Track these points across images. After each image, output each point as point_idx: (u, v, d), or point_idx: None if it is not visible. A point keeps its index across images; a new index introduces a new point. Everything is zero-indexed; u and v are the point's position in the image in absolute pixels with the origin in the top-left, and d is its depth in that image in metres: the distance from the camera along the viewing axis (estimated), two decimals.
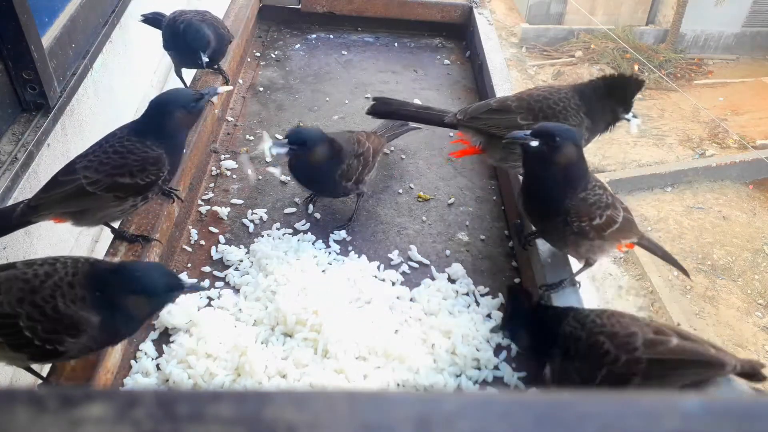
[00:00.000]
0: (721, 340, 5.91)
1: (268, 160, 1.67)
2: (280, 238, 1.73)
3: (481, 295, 1.63)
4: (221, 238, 1.74)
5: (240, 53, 2.49)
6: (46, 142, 1.71)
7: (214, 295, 1.56)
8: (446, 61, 2.74)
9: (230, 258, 1.66)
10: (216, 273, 1.63)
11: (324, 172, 1.69)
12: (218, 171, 1.99)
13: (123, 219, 1.57)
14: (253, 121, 2.26)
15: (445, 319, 1.51)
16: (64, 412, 0.30)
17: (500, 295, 1.63)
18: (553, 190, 1.43)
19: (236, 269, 1.64)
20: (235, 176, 1.98)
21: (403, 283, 1.64)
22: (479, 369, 1.44)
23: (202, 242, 1.73)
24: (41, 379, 1.26)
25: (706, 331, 5.97)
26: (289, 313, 1.45)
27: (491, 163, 1.93)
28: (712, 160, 8.31)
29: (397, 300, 1.57)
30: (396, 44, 2.85)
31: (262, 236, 1.73)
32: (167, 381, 1.36)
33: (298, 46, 2.77)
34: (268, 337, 1.46)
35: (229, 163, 2.02)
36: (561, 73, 10.08)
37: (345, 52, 2.75)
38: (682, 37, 10.53)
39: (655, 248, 1.59)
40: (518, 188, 1.60)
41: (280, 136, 2.17)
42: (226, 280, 1.62)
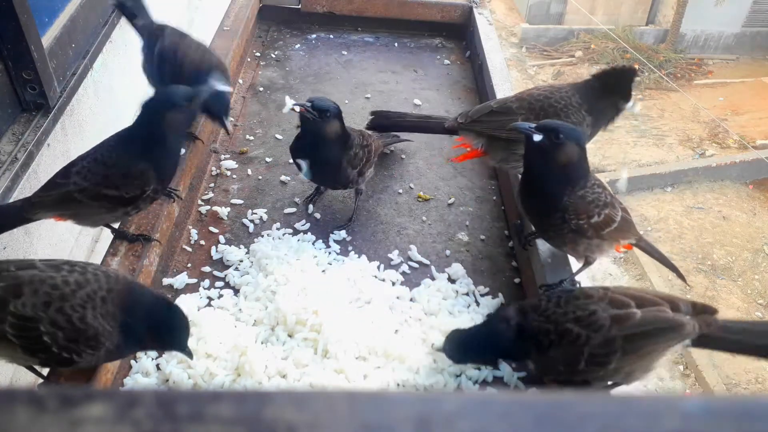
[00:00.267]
0: None
1: (285, 111, 1.60)
2: (280, 238, 1.73)
3: (481, 295, 1.63)
4: (221, 238, 1.74)
5: (240, 53, 2.49)
6: (46, 142, 1.71)
7: (214, 295, 1.56)
8: (446, 61, 2.75)
9: (230, 258, 1.66)
10: (216, 273, 1.63)
11: (331, 155, 1.68)
12: (218, 171, 1.99)
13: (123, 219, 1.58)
14: (253, 121, 2.26)
15: (445, 319, 1.51)
16: (64, 412, 0.30)
17: (500, 295, 1.63)
18: (552, 187, 1.43)
19: (236, 269, 1.64)
20: (235, 176, 1.98)
21: (403, 283, 1.65)
22: (479, 369, 1.44)
23: (202, 242, 1.73)
24: (41, 378, 1.26)
25: None
26: (289, 313, 1.45)
27: (493, 165, 1.93)
28: (712, 160, 8.31)
29: (397, 300, 1.57)
30: (396, 44, 2.85)
31: (262, 236, 1.73)
32: (167, 381, 1.36)
33: (298, 46, 2.77)
34: (268, 337, 1.46)
35: (229, 163, 2.02)
36: (561, 73, 10.08)
37: (345, 52, 2.75)
38: (682, 37, 10.53)
39: (653, 251, 1.59)
40: (518, 188, 1.59)
41: (281, 136, 2.17)
42: (226, 280, 1.62)
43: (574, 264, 1.58)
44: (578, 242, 1.46)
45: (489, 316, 1.51)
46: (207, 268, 1.65)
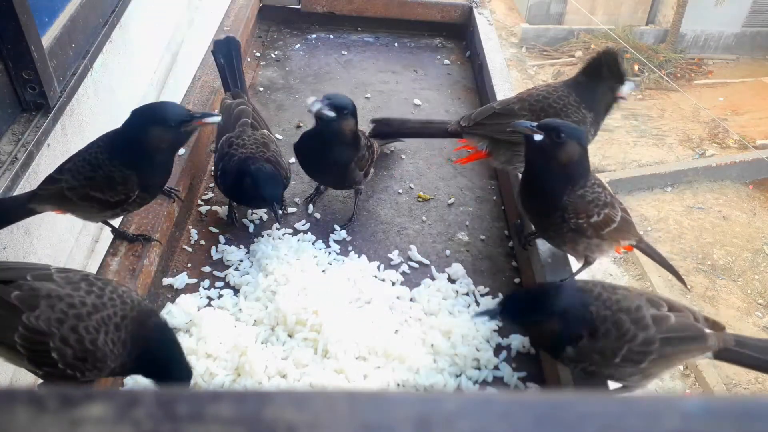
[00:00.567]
0: None
1: (313, 110, 1.57)
2: (280, 238, 1.73)
3: (481, 295, 1.63)
4: (221, 238, 1.74)
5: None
6: (46, 142, 1.71)
7: (214, 295, 1.56)
8: (446, 61, 2.75)
9: (230, 258, 1.67)
10: (216, 273, 1.64)
11: (342, 156, 1.67)
12: None
13: (123, 218, 1.58)
14: None
15: (445, 319, 1.51)
16: (64, 412, 0.30)
17: (500, 295, 1.63)
18: (552, 186, 1.42)
19: (236, 269, 1.64)
20: None
21: (403, 283, 1.65)
22: (479, 369, 1.44)
23: (202, 242, 1.73)
24: (41, 379, 1.26)
25: None
26: (289, 313, 1.45)
27: (496, 166, 1.93)
28: (712, 160, 8.31)
29: (397, 300, 1.57)
30: (396, 44, 2.85)
31: (262, 236, 1.73)
32: None
33: (298, 46, 2.77)
34: (268, 337, 1.46)
35: None
36: (561, 74, 10.08)
37: (345, 52, 2.75)
38: (682, 37, 10.53)
39: (653, 253, 1.58)
40: (518, 188, 1.59)
41: (281, 137, 2.17)
42: (226, 280, 1.62)
43: (574, 264, 1.58)
44: (578, 242, 1.46)
45: (561, 283, 1.43)
46: (207, 268, 1.65)
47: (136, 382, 1.35)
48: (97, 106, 2.08)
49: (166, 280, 1.60)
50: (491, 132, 1.74)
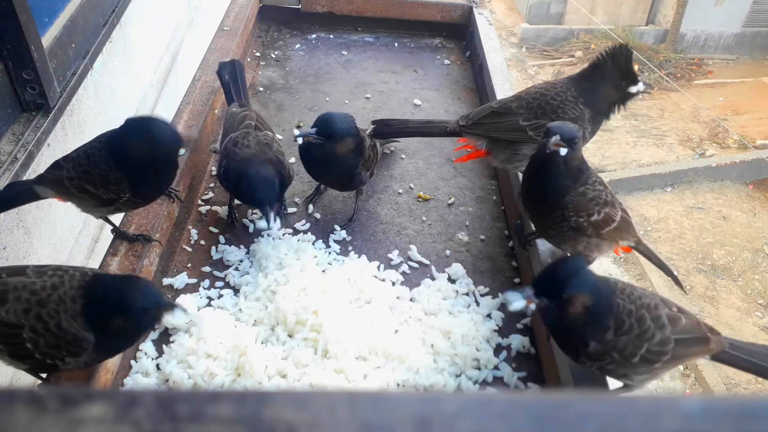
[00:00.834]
0: None
1: (299, 141, 1.60)
2: (280, 238, 1.73)
3: (481, 295, 1.63)
4: (221, 238, 1.74)
5: (240, 53, 2.48)
6: (46, 142, 1.71)
7: (214, 295, 1.56)
8: (446, 61, 2.74)
9: (230, 258, 1.67)
10: (216, 273, 1.63)
11: (346, 164, 1.67)
12: None
13: (123, 218, 1.58)
14: None
15: (445, 319, 1.51)
16: (64, 412, 0.30)
17: (500, 295, 1.63)
18: (556, 186, 1.42)
19: (236, 269, 1.64)
20: None
21: (403, 283, 1.64)
22: (479, 369, 1.44)
23: (202, 242, 1.73)
24: (41, 379, 1.26)
25: None
26: (289, 313, 1.45)
27: (496, 165, 1.93)
28: (712, 160, 8.31)
29: (397, 300, 1.57)
30: (396, 44, 2.85)
31: (262, 236, 1.73)
32: (167, 381, 1.36)
33: (298, 46, 2.77)
34: (268, 337, 1.46)
35: None
36: (561, 74, 10.07)
37: (345, 52, 2.75)
38: (682, 37, 10.53)
39: (651, 255, 1.58)
40: (518, 188, 1.59)
41: (281, 136, 2.17)
42: (226, 280, 1.62)
43: None
44: (578, 241, 1.46)
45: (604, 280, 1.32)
46: (207, 268, 1.65)
47: (136, 382, 1.35)
48: (97, 106, 2.09)
49: (166, 280, 1.60)
50: (489, 131, 1.75)
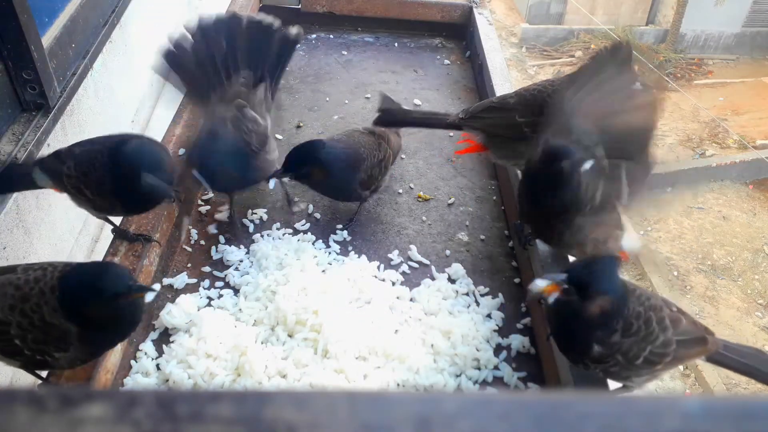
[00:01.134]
0: None
1: (271, 186, 1.65)
2: (280, 238, 1.73)
3: (481, 295, 1.63)
4: (221, 238, 1.74)
5: None
6: (46, 142, 1.71)
7: (214, 295, 1.56)
8: (446, 61, 2.74)
9: (230, 258, 1.67)
10: (216, 273, 1.63)
11: (339, 183, 1.68)
12: None
13: (123, 218, 1.58)
14: None
15: (445, 319, 1.51)
16: (64, 412, 0.30)
17: (500, 295, 1.63)
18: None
19: (236, 269, 1.64)
20: None
21: (403, 283, 1.65)
22: (479, 369, 1.44)
23: (202, 242, 1.73)
24: (41, 379, 1.26)
25: None
26: (289, 313, 1.45)
27: (494, 161, 1.94)
28: (712, 160, 8.31)
29: (397, 300, 1.57)
30: (396, 44, 2.85)
31: (262, 236, 1.73)
32: (167, 381, 1.36)
33: (298, 46, 2.76)
34: (268, 337, 1.46)
35: None
36: (561, 74, 10.07)
37: (345, 52, 2.75)
38: (682, 37, 10.53)
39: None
40: (518, 188, 1.59)
41: (281, 136, 2.17)
42: (226, 280, 1.62)
43: None
44: (584, 246, 1.43)
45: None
46: (207, 268, 1.65)
47: (136, 382, 1.35)
48: (97, 106, 2.08)
49: (166, 280, 1.60)
50: (485, 125, 1.75)
